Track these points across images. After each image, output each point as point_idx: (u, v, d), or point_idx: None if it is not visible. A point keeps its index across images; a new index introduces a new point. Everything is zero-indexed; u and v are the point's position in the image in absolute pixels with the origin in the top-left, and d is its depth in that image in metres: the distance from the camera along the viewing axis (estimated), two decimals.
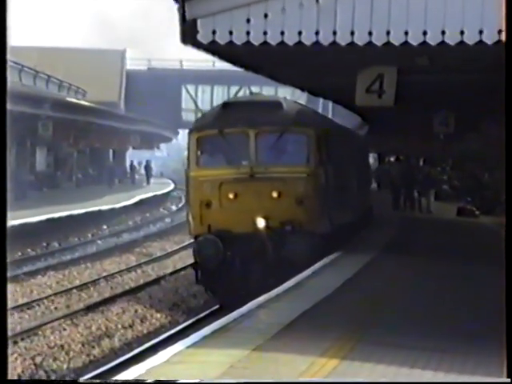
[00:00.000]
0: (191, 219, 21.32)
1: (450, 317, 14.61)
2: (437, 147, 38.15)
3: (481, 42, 12.21)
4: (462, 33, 12.27)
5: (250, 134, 20.80)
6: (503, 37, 11.84)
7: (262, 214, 20.43)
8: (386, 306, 15.64)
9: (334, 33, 12.48)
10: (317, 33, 12.54)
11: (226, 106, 21.88)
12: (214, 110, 23.17)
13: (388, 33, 12.38)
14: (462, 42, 12.29)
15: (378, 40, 12.47)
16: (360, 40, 12.49)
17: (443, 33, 12.30)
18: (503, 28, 11.06)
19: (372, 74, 15.81)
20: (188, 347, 12.09)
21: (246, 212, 20.47)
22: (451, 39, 12.32)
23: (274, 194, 20.55)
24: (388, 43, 12.47)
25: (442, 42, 12.35)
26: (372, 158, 42.56)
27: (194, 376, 10.33)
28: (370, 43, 12.49)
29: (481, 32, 12.17)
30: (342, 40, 12.50)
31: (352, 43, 12.50)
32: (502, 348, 8.22)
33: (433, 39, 12.33)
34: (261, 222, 20.34)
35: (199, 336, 12.81)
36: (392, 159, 45.40)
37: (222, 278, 20.52)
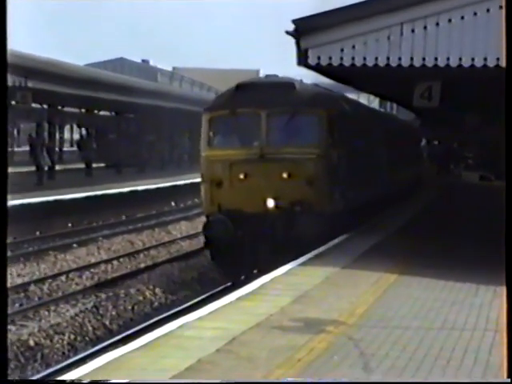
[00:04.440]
0: (203, 198, 15.52)
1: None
2: (467, 135, 37.76)
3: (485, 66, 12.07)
4: (472, 59, 12.17)
5: (261, 115, 14.94)
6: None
7: (271, 195, 14.68)
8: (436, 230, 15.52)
9: (399, 58, 12.44)
10: (387, 58, 12.51)
11: (239, 87, 15.56)
12: (227, 91, 16.09)
13: (436, 58, 12.31)
14: (472, 66, 12.16)
15: (429, 63, 12.40)
16: (417, 63, 12.42)
17: (473, 59, 12.19)
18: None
19: (424, 85, 15.67)
20: (299, 265, 12.31)
21: (256, 192, 14.72)
22: (478, 63, 12.20)
23: (284, 175, 14.72)
24: (436, 65, 12.40)
25: (472, 66, 12.23)
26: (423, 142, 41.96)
27: (303, 284, 10.49)
28: (423, 65, 12.42)
29: (485, 59, 12.05)
30: (405, 63, 12.45)
31: (411, 65, 12.44)
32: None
33: (466, 63, 12.21)
34: (270, 203, 14.67)
35: (306, 258, 13.01)
36: (436, 142, 44.65)
37: (233, 258, 14.82)
